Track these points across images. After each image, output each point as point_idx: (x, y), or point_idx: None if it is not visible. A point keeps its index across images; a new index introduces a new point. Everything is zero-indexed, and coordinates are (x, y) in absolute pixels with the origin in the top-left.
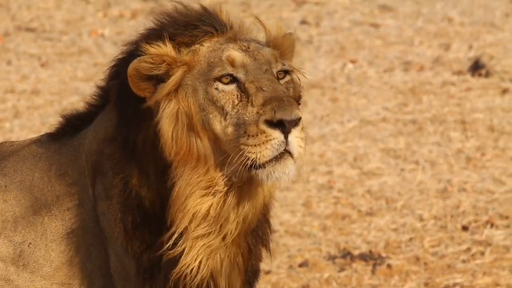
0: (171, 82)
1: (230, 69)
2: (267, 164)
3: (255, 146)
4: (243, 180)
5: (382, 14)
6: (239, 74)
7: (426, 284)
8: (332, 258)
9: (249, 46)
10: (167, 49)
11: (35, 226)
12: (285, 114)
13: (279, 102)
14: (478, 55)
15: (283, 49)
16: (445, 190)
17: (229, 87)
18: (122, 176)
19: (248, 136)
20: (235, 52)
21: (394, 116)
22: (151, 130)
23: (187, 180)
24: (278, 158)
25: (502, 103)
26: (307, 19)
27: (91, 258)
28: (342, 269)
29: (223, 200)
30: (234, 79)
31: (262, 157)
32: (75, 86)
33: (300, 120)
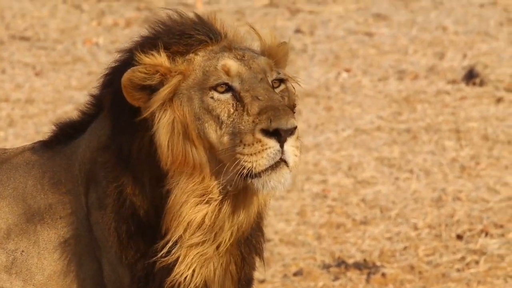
0: (164, 91)
1: (226, 78)
2: (262, 173)
3: (251, 155)
4: (238, 189)
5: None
6: (235, 83)
7: None
8: (326, 267)
9: (244, 55)
10: (161, 59)
11: (28, 234)
12: (281, 123)
13: (274, 111)
14: (472, 64)
15: (277, 58)
16: (439, 199)
17: (224, 96)
18: (116, 185)
19: (244, 145)
20: (230, 61)
21: (389, 125)
22: (146, 138)
23: (183, 188)
24: (273, 167)
25: (496, 112)
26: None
27: (84, 267)
28: (336, 278)
29: (218, 209)
30: (229, 88)
31: (258, 166)
32: (69, 95)
33: (295, 129)
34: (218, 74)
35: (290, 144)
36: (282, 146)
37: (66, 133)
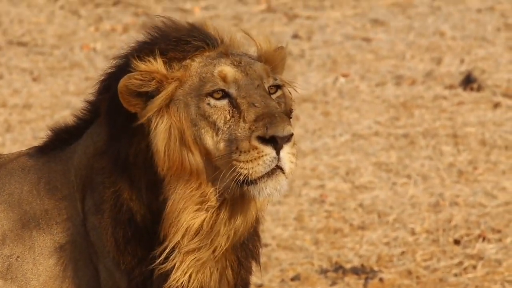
0: (160, 98)
1: (222, 84)
2: (259, 180)
3: (247, 162)
4: (235, 195)
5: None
6: (231, 89)
7: None
8: (324, 272)
9: (240, 61)
10: (157, 65)
11: (23, 239)
12: (277, 130)
13: (271, 118)
14: (469, 69)
15: (275, 63)
16: (437, 204)
17: (221, 103)
18: (113, 190)
19: (240, 152)
20: (227, 68)
21: (386, 130)
22: (143, 144)
23: (181, 194)
24: (270, 174)
25: (493, 117)
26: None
27: (80, 272)
28: (334, 283)
29: (215, 215)
30: (226, 95)
31: (254, 173)
32: (67, 100)
33: (292, 136)
34: (215, 80)
35: (287, 151)
36: (278, 153)
37: (62, 138)
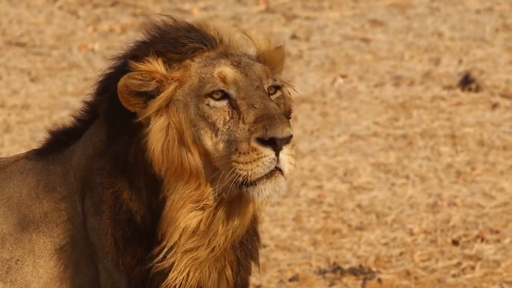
0: (161, 98)
1: (222, 85)
2: (258, 181)
3: (246, 163)
4: (233, 196)
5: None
6: (231, 90)
7: None
8: (322, 272)
9: (240, 62)
10: (157, 65)
11: (23, 243)
12: (276, 132)
13: (270, 119)
14: (468, 69)
15: (274, 63)
16: (435, 205)
17: (220, 103)
18: (112, 191)
19: (240, 153)
20: (227, 68)
21: (385, 131)
22: (142, 144)
23: (180, 194)
24: (269, 175)
25: (492, 117)
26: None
27: (80, 274)
28: (332, 283)
29: (213, 215)
30: (225, 95)
31: (253, 174)
32: (65, 101)
33: (291, 137)
34: (214, 81)
35: (286, 153)
36: (277, 155)
37: (60, 140)
